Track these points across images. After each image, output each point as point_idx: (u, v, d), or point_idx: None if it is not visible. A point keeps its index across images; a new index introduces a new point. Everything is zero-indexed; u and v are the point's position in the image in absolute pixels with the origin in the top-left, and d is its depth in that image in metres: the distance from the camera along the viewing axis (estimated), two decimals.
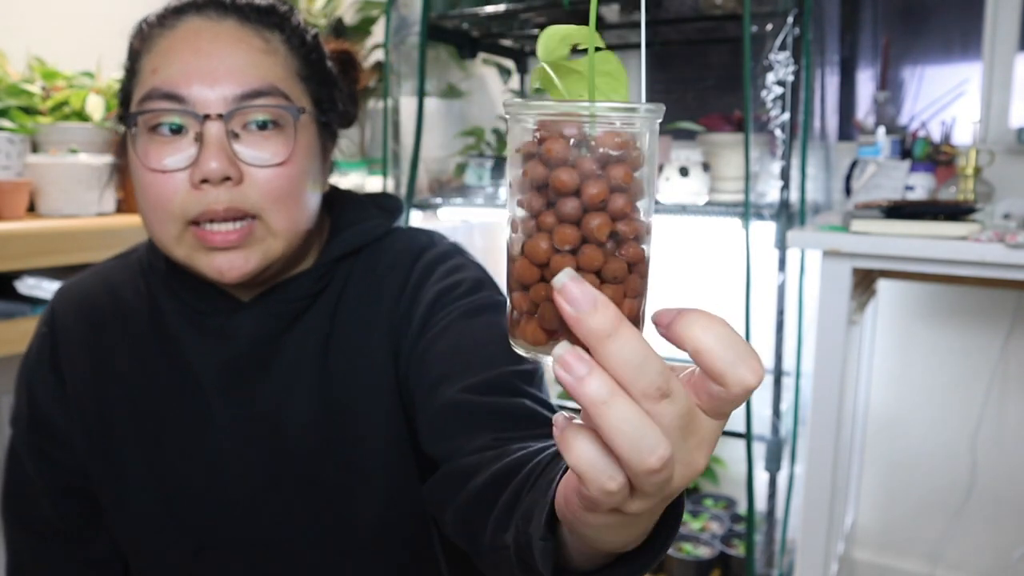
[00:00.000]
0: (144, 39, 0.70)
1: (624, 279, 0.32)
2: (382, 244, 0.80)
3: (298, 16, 0.74)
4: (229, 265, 0.67)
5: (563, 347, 0.30)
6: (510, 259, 0.34)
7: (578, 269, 0.31)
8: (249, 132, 0.67)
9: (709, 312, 0.32)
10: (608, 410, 0.30)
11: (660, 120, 0.33)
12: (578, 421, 0.32)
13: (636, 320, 0.33)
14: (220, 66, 0.66)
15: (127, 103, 0.71)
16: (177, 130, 0.66)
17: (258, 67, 0.68)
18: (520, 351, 0.35)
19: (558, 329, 0.32)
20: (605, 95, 0.33)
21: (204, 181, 0.65)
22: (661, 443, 0.30)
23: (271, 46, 0.70)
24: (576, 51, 0.35)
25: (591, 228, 0.31)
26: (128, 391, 0.76)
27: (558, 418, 0.33)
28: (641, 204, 0.32)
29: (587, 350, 0.30)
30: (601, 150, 0.31)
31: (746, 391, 0.32)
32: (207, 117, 0.65)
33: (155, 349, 0.76)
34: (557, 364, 0.30)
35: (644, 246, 0.33)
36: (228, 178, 0.65)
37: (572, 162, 0.31)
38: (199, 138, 0.65)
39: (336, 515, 0.75)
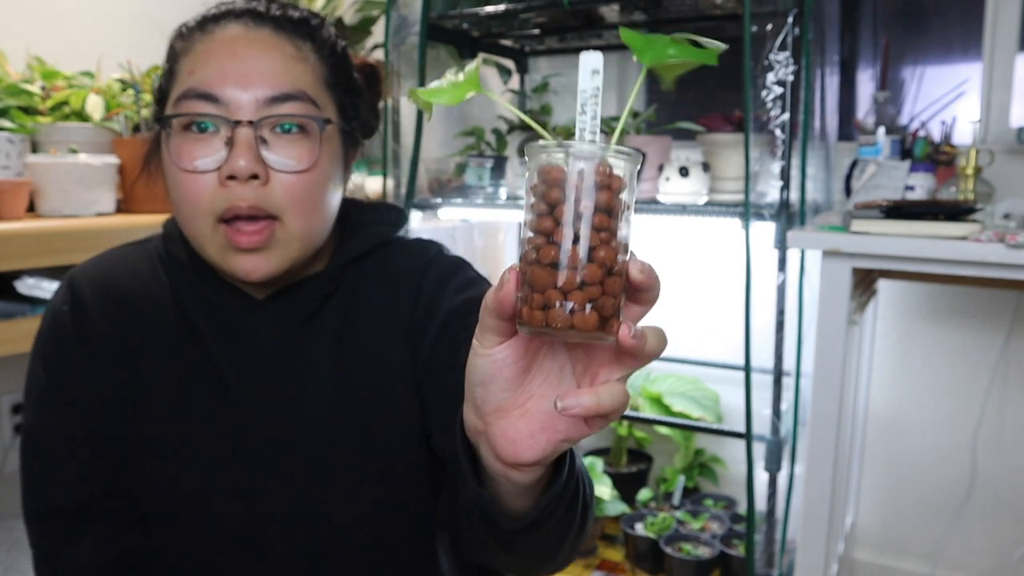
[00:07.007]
0: (184, 41, 0.74)
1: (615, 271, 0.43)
2: (391, 250, 0.85)
3: (329, 28, 0.79)
4: (254, 266, 0.71)
5: (625, 328, 0.43)
6: (526, 262, 0.43)
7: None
8: (276, 136, 0.71)
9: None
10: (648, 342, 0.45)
11: (639, 165, 0.44)
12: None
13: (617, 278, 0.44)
14: (254, 69, 0.70)
15: (163, 102, 0.75)
16: (207, 129, 0.70)
17: (289, 72, 0.72)
18: (524, 331, 0.44)
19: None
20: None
21: (231, 178, 0.69)
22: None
23: (302, 54, 0.74)
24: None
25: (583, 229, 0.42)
26: (156, 366, 0.77)
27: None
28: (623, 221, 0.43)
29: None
30: (597, 178, 0.41)
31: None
32: (238, 123, 0.69)
33: (181, 333, 0.78)
34: (633, 337, 0.43)
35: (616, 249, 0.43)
36: (255, 177, 0.69)
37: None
38: (229, 142, 0.69)
39: (350, 502, 0.78)
